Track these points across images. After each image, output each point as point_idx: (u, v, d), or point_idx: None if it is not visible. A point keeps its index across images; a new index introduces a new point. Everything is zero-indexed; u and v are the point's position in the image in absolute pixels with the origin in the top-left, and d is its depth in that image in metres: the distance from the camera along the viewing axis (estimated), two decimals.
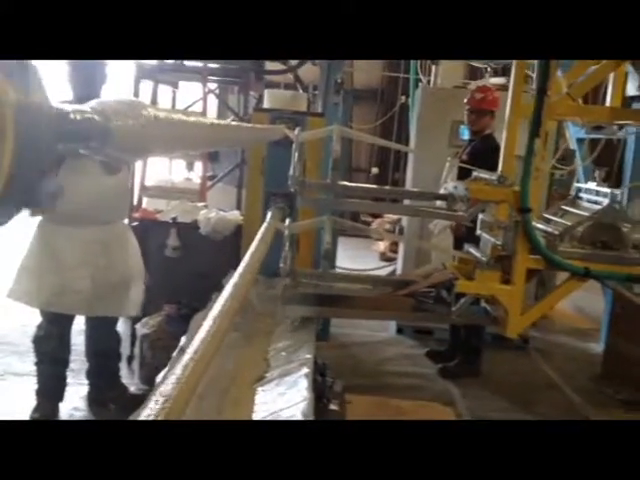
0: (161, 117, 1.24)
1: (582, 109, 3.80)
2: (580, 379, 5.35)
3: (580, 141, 6.89)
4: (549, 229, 3.52)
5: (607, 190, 3.75)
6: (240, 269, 2.33)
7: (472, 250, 3.69)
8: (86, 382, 4.23)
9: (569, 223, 3.59)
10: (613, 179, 7.49)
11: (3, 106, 0.73)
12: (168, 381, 1.33)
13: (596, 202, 3.85)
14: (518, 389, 5.09)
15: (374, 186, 5.51)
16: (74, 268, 3.73)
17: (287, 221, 3.68)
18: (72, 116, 0.92)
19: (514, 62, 3.63)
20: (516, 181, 3.42)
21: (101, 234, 3.81)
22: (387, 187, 5.01)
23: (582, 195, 4.15)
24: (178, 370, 1.39)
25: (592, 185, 4.31)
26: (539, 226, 3.53)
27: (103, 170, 3.66)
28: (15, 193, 0.78)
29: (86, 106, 1.01)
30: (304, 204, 3.80)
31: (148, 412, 1.16)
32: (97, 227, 3.79)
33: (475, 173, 3.86)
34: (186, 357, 1.48)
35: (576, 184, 4.44)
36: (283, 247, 3.65)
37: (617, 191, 3.65)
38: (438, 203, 4.31)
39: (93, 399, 4.19)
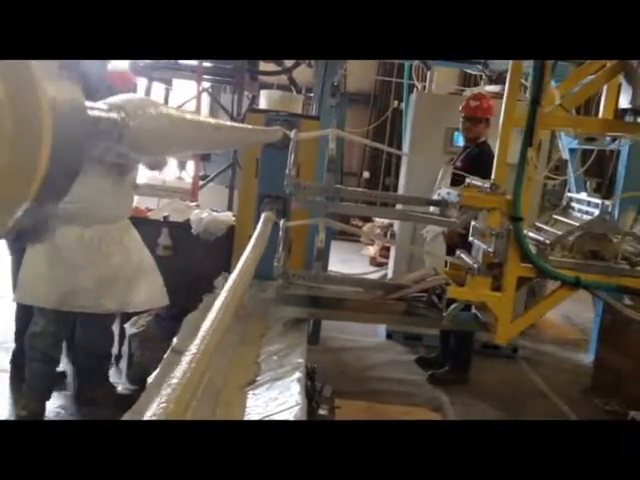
0: (174, 116, 1.21)
1: (574, 120, 3.84)
2: (569, 390, 5.36)
3: (572, 151, 6.91)
4: (540, 238, 3.56)
5: (598, 201, 3.77)
6: (235, 273, 2.30)
7: (464, 256, 3.71)
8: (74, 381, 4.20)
9: (560, 232, 3.62)
10: (604, 190, 7.51)
11: (41, 105, 0.71)
12: (167, 385, 1.31)
13: (587, 212, 3.88)
14: (507, 398, 5.09)
15: (369, 190, 5.52)
16: (82, 267, 3.72)
17: (282, 222, 3.69)
18: (92, 113, 0.89)
19: (509, 71, 3.65)
20: (508, 189, 3.47)
21: (106, 233, 3.81)
22: (383, 192, 4.92)
23: (574, 205, 4.16)
24: (178, 373, 1.36)
25: (584, 195, 4.34)
26: (530, 235, 3.57)
27: (115, 171, 3.67)
28: (49, 194, 0.76)
29: (102, 104, 0.98)
30: (298, 206, 3.83)
31: (149, 414, 1.14)
32: (102, 226, 3.79)
33: (468, 180, 3.87)
34: (186, 359, 1.45)
35: (568, 194, 4.45)
36: (277, 248, 3.66)
37: (608, 202, 3.64)
38: (431, 209, 4.31)
39: (80, 398, 4.15)
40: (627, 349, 4.97)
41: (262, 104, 5.92)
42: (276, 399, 2.78)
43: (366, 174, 13.25)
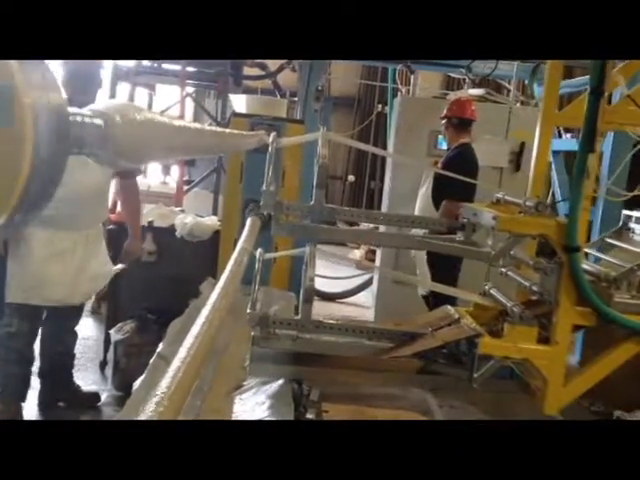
0: (158, 122, 1.20)
1: None
2: None
3: (556, 153, 6.80)
4: (598, 271, 2.65)
5: None
6: (222, 279, 2.28)
7: (495, 293, 2.89)
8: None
9: (620, 262, 2.81)
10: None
11: (23, 108, 0.71)
12: (151, 399, 1.30)
13: None
14: (495, 399, 5.09)
15: (375, 211, 5.28)
16: (49, 263, 3.74)
17: (258, 252, 2.73)
18: (75, 119, 0.89)
19: (548, 63, 3.13)
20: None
21: (78, 239, 3.81)
22: (393, 214, 4.62)
23: (632, 226, 3.31)
24: (162, 387, 1.35)
25: None
26: (585, 267, 2.65)
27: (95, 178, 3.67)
28: (31, 201, 0.75)
29: (86, 109, 0.98)
30: (279, 233, 2.93)
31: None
32: (75, 232, 3.78)
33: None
34: (171, 371, 1.44)
35: (624, 212, 3.44)
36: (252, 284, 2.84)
37: None
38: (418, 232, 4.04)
39: (44, 399, 4.13)
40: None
41: (245, 109, 5.89)
42: (263, 403, 2.78)
43: (351, 177, 13.27)
